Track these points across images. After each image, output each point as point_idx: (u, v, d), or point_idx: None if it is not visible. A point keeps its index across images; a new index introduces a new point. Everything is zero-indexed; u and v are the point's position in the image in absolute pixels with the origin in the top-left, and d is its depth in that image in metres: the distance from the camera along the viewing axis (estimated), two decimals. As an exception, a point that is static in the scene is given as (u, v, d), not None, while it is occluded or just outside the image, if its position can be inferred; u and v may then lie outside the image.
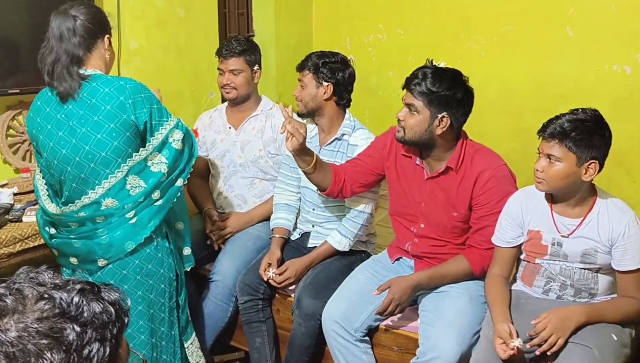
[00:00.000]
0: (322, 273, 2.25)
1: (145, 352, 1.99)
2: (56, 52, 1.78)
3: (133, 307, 1.93)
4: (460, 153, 1.97)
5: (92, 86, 1.78)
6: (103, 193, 1.82)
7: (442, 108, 1.89)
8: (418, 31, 3.30)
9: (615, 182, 2.66)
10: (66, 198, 1.87)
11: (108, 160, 1.79)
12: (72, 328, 0.68)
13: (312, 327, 2.14)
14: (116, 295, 0.75)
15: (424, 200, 2.04)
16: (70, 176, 1.82)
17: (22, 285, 0.71)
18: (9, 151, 2.47)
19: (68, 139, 1.79)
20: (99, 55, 1.85)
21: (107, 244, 1.85)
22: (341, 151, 2.30)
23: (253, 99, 2.60)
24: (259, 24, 3.51)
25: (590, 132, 1.65)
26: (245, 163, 2.58)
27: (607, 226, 1.72)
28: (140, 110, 1.80)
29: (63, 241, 1.90)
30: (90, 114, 1.76)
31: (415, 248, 2.11)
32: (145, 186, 1.86)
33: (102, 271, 1.90)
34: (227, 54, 2.49)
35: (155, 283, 1.97)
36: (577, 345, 1.66)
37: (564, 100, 2.87)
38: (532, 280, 1.88)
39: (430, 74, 1.90)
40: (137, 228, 1.87)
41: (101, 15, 1.88)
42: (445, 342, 1.83)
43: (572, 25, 2.83)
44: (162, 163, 1.87)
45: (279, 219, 2.44)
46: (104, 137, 1.77)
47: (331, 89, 2.25)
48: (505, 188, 1.93)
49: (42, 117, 1.84)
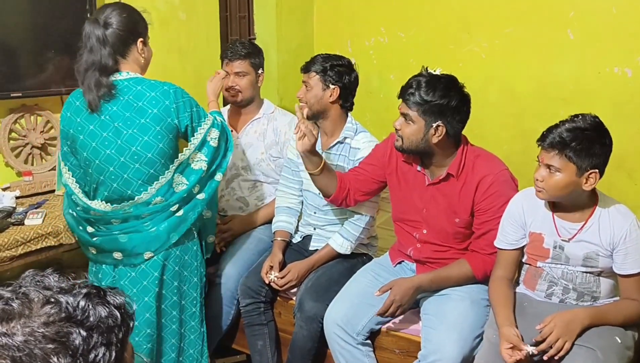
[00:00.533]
0: (324, 276, 2.25)
1: (174, 340, 2.07)
2: (86, 61, 1.82)
3: (168, 297, 2.03)
4: (461, 159, 1.96)
5: (137, 89, 1.84)
6: (154, 193, 1.90)
7: (436, 117, 1.88)
8: (419, 34, 3.31)
9: (616, 185, 2.66)
10: (104, 197, 1.92)
11: (152, 161, 1.87)
12: (79, 333, 0.68)
13: (313, 330, 2.14)
14: (122, 298, 0.76)
15: (425, 206, 2.04)
16: (112, 176, 1.88)
17: (29, 289, 0.71)
18: (11, 155, 2.47)
19: (113, 140, 1.85)
20: (133, 59, 1.90)
21: (154, 236, 1.94)
22: (343, 155, 2.30)
23: (255, 102, 2.60)
24: (260, 27, 3.51)
25: (590, 141, 1.63)
26: (247, 166, 2.58)
27: (609, 231, 1.71)
28: (183, 113, 1.90)
29: (107, 238, 1.95)
30: (137, 116, 1.83)
31: (418, 254, 2.11)
32: (188, 183, 1.97)
33: (146, 264, 1.97)
34: (233, 57, 2.49)
35: (189, 276, 2.07)
36: (581, 347, 1.66)
37: (565, 102, 2.87)
38: (535, 283, 1.88)
39: (424, 83, 1.89)
40: (181, 220, 1.98)
41: (133, 19, 1.89)
42: (447, 344, 1.83)
43: (572, 27, 2.83)
44: (202, 161, 1.98)
45: (281, 222, 2.45)
46: (150, 139, 1.85)
47: (337, 92, 2.25)
48: (507, 193, 1.93)
49: (83, 118, 1.88)
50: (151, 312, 2.00)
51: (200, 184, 2.01)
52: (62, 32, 2.45)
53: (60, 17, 2.44)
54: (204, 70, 3.14)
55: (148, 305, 1.99)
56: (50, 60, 2.45)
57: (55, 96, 2.55)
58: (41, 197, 2.45)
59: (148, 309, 1.99)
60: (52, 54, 2.45)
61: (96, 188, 1.93)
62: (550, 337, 1.66)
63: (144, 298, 1.98)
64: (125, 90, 1.84)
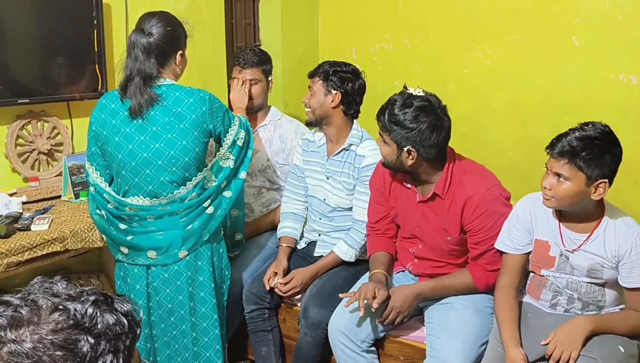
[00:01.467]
0: (328, 282, 2.25)
1: (219, 347, 2.12)
2: (130, 69, 1.89)
3: (208, 300, 2.08)
4: (446, 178, 1.92)
5: (175, 95, 1.92)
6: (191, 189, 1.98)
7: (407, 142, 1.85)
8: (424, 41, 3.31)
9: (623, 192, 2.64)
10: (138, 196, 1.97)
11: (188, 164, 1.95)
12: (86, 340, 0.68)
13: (318, 337, 2.14)
14: (129, 306, 0.76)
15: (417, 224, 2.03)
16: (147, 178, 1.94)
17: (37, 296, 0.71)
18: (18, 160, 2.48)
19: (150, 144, 1.91)
20: (171, 69, 1.97)
21: (188, 234, 1.99)
22: (348, 162, 2.30)
23: (263, 109, 2.61)
24: (266, 34, 3.53)
25: (601, 151, 1.59)
26: (252, 173, 2.59)
27: (614, 243, 1.68)
28: (216, 118, 1.99)
29: (143, 236, 1.99)
30: (176, 121, 1.90)
31: (416, 269, 2.11)
32: (217, 180, 2.05)
33: (180, 264, 2.02)
34: (245, 64, 2.50)
35: (218, 277, 2.13)
36: (583, 357, 1.65)
37: (570, 110, 2.87)
38: (539, 293, 1.86)
39: (397, 106, 1.86)
40: (211, 217, 2.05)
41: (176, 33, 1.96)
42: (452, 354, 1.82)
43: (577, 35, 2.83)
44: (230, 159, 2.07)
45: (286, 229, 2.45)
46: (188, 143, 1.93)
47: (339, 98, 2.25)
48: (497, 210, 1.90)
49: (118, 120, 1.94)
50: (185, 310, 2.05)
51: (227, 181, 2.08)
52: (69, 39, 2.47)
53: (67, 23, 2.45)
54: (210, 76, 3.15)
55: (182, 304, 2.05)
56: (57, 66, 2.47)
57: (62, 102, 2.56)
58: (47, 203, 2.46)
59: (182, 307, 2.05)
60: (58, 61, 2.47)
61: (128, 190, 1.98)
62: (554, 353, 1.65)
63: (178, 297, 2.04)
64: (164, 95, 1.91)
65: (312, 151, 2.41)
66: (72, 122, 2.62)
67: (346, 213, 2.34)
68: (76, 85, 2.53)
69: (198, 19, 3.06)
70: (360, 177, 2.27)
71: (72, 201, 2.48)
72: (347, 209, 2.34)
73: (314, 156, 2.40)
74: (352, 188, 2.30)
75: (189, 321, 2.06)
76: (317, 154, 2.39)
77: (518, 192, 2.89)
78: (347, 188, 2.31)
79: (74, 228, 2.19)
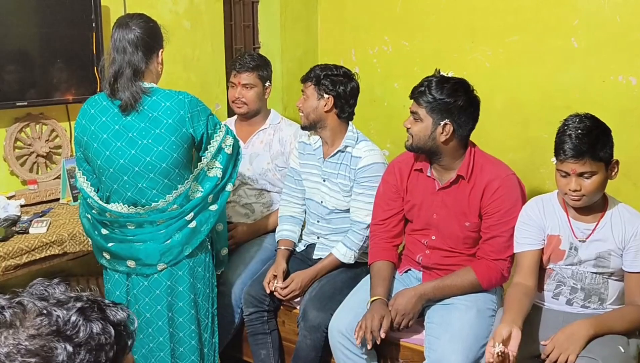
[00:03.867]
0: (327, 285, 2.24)
1: (194, 357, 2.06)
2: (119, 64, 1.84)
3: (186, 311, 2.02)
4: (469, 161, 1.99)
5: (152, 99, 1.86)
6: (171, 201, 1.91)
7: (443, 115, 1.93)
8: (423, 43, 3.31)
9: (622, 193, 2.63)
10: (119, 203, 1.93)
11: (167, 171, 1.88)
12: (64, 348, 0.66)
13: (317, 339, 2.13)
14: (123, 315, 0.74)
15: (435, 211, 2.04)
16: (126, 184, 1.89)
17: (24, 299, 0.70)
18: (17, 163, 2.48)
19: (127, 150, 1.85)
20: (153, 68, 1.93)
21: (168, 247, 1.94)
22: (344, 163, 2.30)
23: (262, 113, 2.62)
24: (265, 36, 3.53)
25: (604, 135, 1.70)
26: (253, 176, 2.59)
27: (620, 229, 1.76)
28: (197, 122, 1.90)
29: (122, 245, 1.95)
30: (152, 126, 1.84)
31: (427, 260, 2.10)
32: (203, 190, 1.98)
33: (159, 273, 1.97)
34: (241, 68, 2.51)
35: (202, 287, 2.07)
36: (583, 357, 1.65)
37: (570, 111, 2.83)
38: (543, 283, 1.89)
39: (434, 82, 1.94)
40: (194, 232, 1.98)
41: (157, 29, 1.94)
42: (452, 355, 1.81)
43: (577, 36, 2.83)
44: (217, 168, 1.99)
45: (285, 231, 2.44)
46: (165, 149, 1.85)
47: (332, 102, 2.25)
48: (514, 197, 1.95)
49: (96, 126, 1.89)
50: (163, 321, 2.00)
51: (214, 195, 2.01)
52: (68, 42, 2.47)
53: (66, 26, 2.46)
54: (209, 79, 3.15)
55: (161, 314, 2.00)
56: (56, 69, 2.47)
57: (60, 105, 2.56)
58: (46, 206, 2.46)
59: (160, 317, 2.00)
60: (57, 64, 2.47)
61: (109, 196, 1.95)
62: (552, 355, 1.68)
63: (156, 306, 1.99)
64: (143, 100, 1.85)
65: (308, 153, 2.41)
66: (70, 125, 2.62)
67: (344, 215, 2.34)
68: (75, 88, 2.54)
69: (197, 21, 3.06)
70: (357, 178, 2.26)
71: (71, 204, 2.48)
72: (344, 211, 2.33)
73: (310, 158, 2.40)
74: (349, 190, 2.29)
75: (167, 332, 2.00)
76: (313, 156, 2.39)
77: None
78: (344, 190, 2.30)
79: (73, 230, 2.19)
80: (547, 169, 2.87)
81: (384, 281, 2.05)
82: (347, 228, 2.32)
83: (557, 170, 1.75)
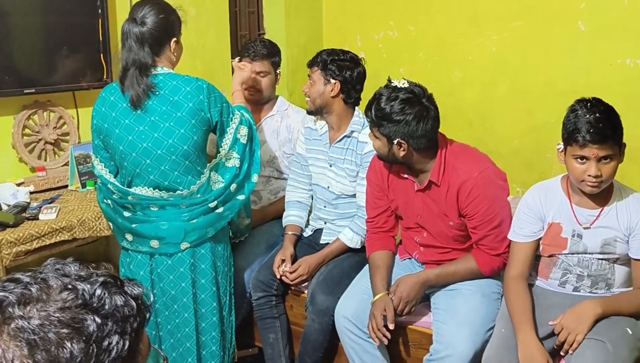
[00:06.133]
0: (335, 269, 2.26)
1: (215, 333, 2.12)
2: (125, 60, 1.88)
3: (208, 288, 2.09)
4: (440, 165, 1.92)
5: (172, 84, 1.90)
6: (195, 191, 1.99)
7: (394, 135, 1.86)
8: (429, 27, 3.29)
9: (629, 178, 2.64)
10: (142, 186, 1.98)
11: (188, 153, 1.94)
12: (93, 320, 0.68)
13: (325, 323, 2.15)
14: (139, 289, 0.76)
15: (419, 213, 2.03)
16: (149, 168, 1.94)
17: (48, 275, 0.72)
18: (25, 150, 2.50)
19: (149, 133, 1.90)
20: (166, 57, 1.95)
21: (193, 228, 1.99)
22: (351, 149, 2.30)
23: (271, 100, 2.61)
24: (270, 22, 3.52)
25: (618, 118, 1.69)
26: (261, 163, 2.59)
27: (626, 215, 1.73)
28: (214, 108, 1.96)
29: (147, 225, 1.99)
30: (174, 110, 1.89)
31: (423, 257, 2.11)
32: (224, 181, 2.04)
33: (183, 252, 2.02)
34: (256, 56, 2.49)
35: (222, 266, 2.13)
36: (591, 339, 1.66)
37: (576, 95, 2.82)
38: (549, 272, 1.87)
39: (380, 101, 1.87)
40: (220, 217, 2.05)
41: (169, 20, 1.94)
42: (459, 339, 1.83)
43: (583, 20, 2.81)
44: (235, 158, 2.06)
45: (292, 217, 2.46)
46: (186, 131, 1.91)
47: (338, 87, 2.25)
48: (491, 193, 1.89)
49: (118, 112, 1.93)
50: (188, 298, 2.06)
51: (238, 185, 2.07)
52: (75, 29, 2.48)
53: (73, 14, 2.46)
54: (214, 66, 3.15)
55: (185, 291, 2.05)
56: (63, 57, 2.48)
57: (67, 92, 2.57)
58: (55, 192, 2.48)
59: (185, 294, 2.05)
60: (64, 51, 2.48)
61: (131, 180, 1.99)
62: (560, 335, 1.69)
63: (181, 284, 2.05)
64: (161, 85, 1.90)
65: (314, 139, 2.42)
66: (77, 112, 2.64)
67: (350, 200, 2.35)
68: (81, 75, 2.54)
69: (202, 8, 3.06)
70: (362, 163, 2.27)
71: (79, 190, 2.50)
72: (351, 196, 2.34)
73: (317, 144, 2.40)
74: (355, 175, 2.30)
75: (191, 308, 2.07)
76: (319, 142, 2.40)
77: (523, 178, 2.90)
78: (350, 175, 2.31)
79: (82, 217, 2.21)
80: (552, 154, 2.84)
81: (382, 271, 2.05)
82: (354, 213, 2.33)
83: (571, 156, 1.68)
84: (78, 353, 0.66)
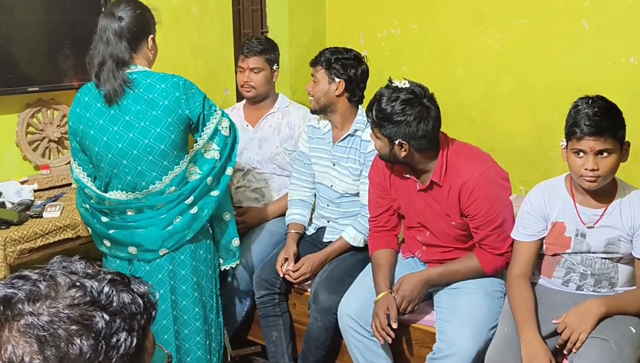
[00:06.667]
0: (337, 268, 2.27)
1: (199, 338, 2.10)
2: (102, 55, 1.86)
3: (189, 294, 2.06)
4: (442, 165, 1.92)
5: (147, 81, 1.87)
6: (168, 183, 1.92)
7: (395, 136, 1.86)
8: (432, 26, 3.28)
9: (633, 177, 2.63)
10: (118, 189, 1.95)
11: (165, 152, 1.90)
12: (102, 317, 0.69)
13: (328, 322, 2.15)
14: (145, 287, 0.77)
15: (421, 212, 2.03)
16: (125, 169, 1.90)
17: (56, 272, 0.72)
18: (29, 148, 2.50)
19: (124, 134, 1.87)
20: (143, 54, 1.93)
21: (170, 233, 1.96)
22: (354, 147, 2.30)
23: (271, 97, 2.62)
24: (273, 21, 3.51)
25: (621, 114, 1.68)
26: (262, 160, 2.60)
27: (630, 214, 1.72)
28: (193, 104, 1.92)
29: (124, 232, 1.97)
30: (148, 109, 1.85)
31: (425, 256, 2.11)
32: (201, 172, 1.99)
33: (161, 259, 1.99)
34: (249, 53, 2.51)
35: (206, 270, 2.09)
36: (595, 338, 1.66)
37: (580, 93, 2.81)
38: (552, 271, 1.87)
39: (381, 102, 1.86)
40: (196, 218, 2.00)
41: (146, 15, 1.94)
42: (462, 338, 1.83)
43: (587, 17, 2.80)
44: (215, 150, 2.01)
45: (294, 215, 2.46)
46: (162, 130, 1.87)
47: (343, 86, 2.25)
48: (493, 194, 1.89)
49: (92, 113, 1.90)
50: (166, 304, 2.03)
51: (214, 178, 2.02)
52: (77, 27, 2.47)
53: (76, 12, 2.46)
54: (217, 65, 3.15)
55: (163, 297, 2.02)
56: (66, 54, 2.48)
57: (71, 90, 2.57)
58: (59, 190, 2.48)
59: (163, 301, 2.02)
60: (67, 49, 2.48)
61: (109, 182, 1.96)
62: (563, 333, 1.68)
63: (159, 290, 2.01)
64: (136, 83, 1.87)
65: (317, 137, 2.42)
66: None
67: (354, 198, 2.35)
68: (85, 72, 2.52)
69: (205, 6, 3.05)
70: (366, 162, 2.27)
71: (83, 188, 2.50)
72: (354, 195, 2.34)
73: (320, 142, 2.41)
74: (358, 174, 2.30)
75: (170, 315, 2.03)
76: (322, 140, 2.40)
77: (526, 177, 2.90)
78: (354, 174, 2.31)
79: (85, 215, 2.21)
80: (556, 152, 2.85)
81: (385, 269, 2.05)
82: (357, 212, 2.33)
83: (570, 151, 1.69)
84: (87, 350, 0.67)
